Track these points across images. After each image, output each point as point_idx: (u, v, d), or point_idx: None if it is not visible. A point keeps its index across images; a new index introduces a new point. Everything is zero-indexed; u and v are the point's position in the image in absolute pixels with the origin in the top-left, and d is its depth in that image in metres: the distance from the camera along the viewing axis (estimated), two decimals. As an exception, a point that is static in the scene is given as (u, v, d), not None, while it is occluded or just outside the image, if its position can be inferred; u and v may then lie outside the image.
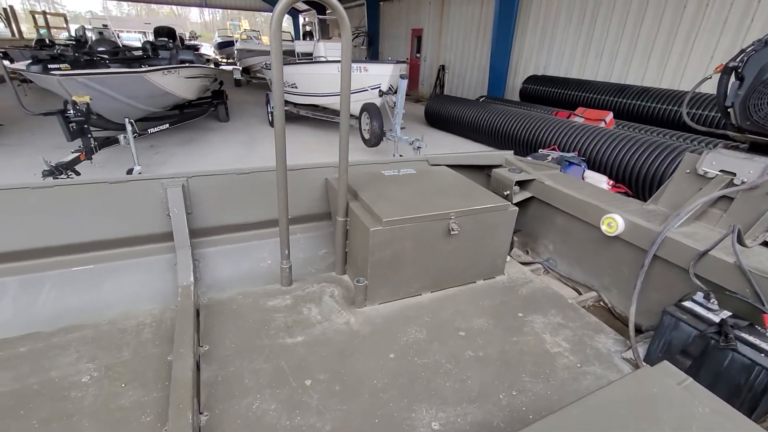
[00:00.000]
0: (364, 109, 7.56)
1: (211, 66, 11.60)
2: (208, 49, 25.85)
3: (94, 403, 1.42)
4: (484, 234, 2.15)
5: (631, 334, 1.77)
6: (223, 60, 24.06)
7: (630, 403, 1.00)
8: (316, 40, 9.62)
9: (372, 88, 7.54)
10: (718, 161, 1.99)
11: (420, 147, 6.57)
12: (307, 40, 12.73)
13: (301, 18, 28.81)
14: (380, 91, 7.48)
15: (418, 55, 16.33)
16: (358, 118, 7.86)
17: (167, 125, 7.20)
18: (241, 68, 16.30)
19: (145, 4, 31.15)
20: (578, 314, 2.05)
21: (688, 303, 1.62)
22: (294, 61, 9.25)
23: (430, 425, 1.41)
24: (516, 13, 10.62)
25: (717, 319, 1.52)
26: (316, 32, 10.00)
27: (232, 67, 17.60)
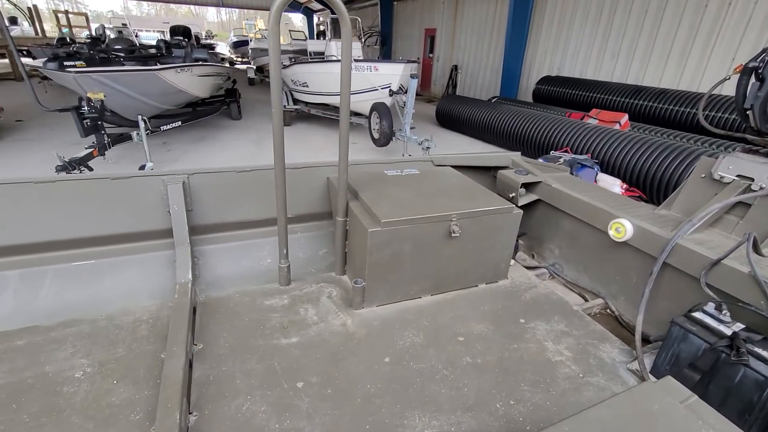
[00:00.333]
0: (374, 108, 7.53)
1: (225, 65, 11.73)
2: (224, 48, 26.20)
3: (85, 399, 1.42)
4: (487, 237, 2.09)
5: (637, 344, 1.70)
6: (238, 59, 24.35)
7: (628, 420, 0.94)
8: (328, 39, 9.63)
9: (382, 88, 7.50)
10: (735, 165, 1.90)
11: (429, 147, 6.51)
12: (321, 39, 12.78)
13: (315, 17, 29.00)
14: (390, 91, 7.43)
15: (431, 55, 16.23)
16: (368, 118, 7.83)
17: (180, 123, 7.29)
18: (255, 67, 16.46)
19: (164, 4, 31.74)
20: (583, 322, 1.98)
21: (699, 314, 1.54)
22: (305, 60, 9.28)
23: None
24: (530, 13, 10.47)
25: (729, 332, 1.44)
26: (328, 31, 10.01)
27: (246, 66, 17.79)
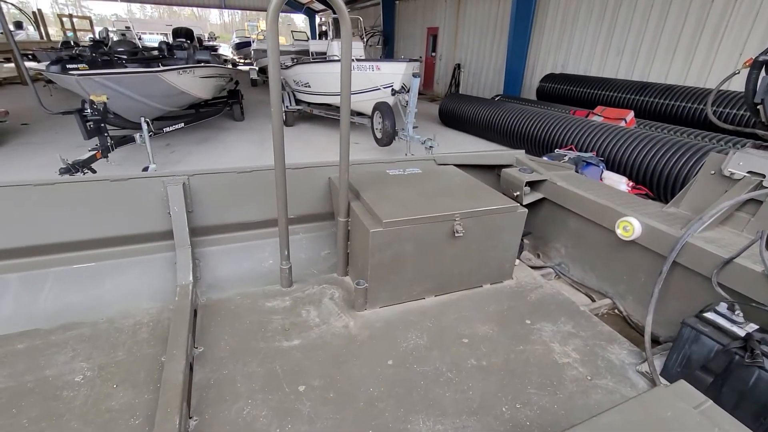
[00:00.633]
0: (377, 108, 7.50)
1: (228, 66, 11.74)
2: (227, 50, 26.25)
3: (85, 404, 1.40)
4: (491, 236, 2.06)
5: (647, 345, 1.66)
6: (241, 60, 24.38)
7: (640, 427, 0.91)
8: (330, 39, 9.62)
9: (384, 87, 7.46)
10: (746, 162, 1.85)
11: (432, 146, 6.47)
12: (323, 39, 12.77)
13: (317, 18, 29.02)
14: (393, 90, 7.40)
15: (434, 53, 16.17)
16: (371, 117, 7.80)
17: (182, 124, 7.29)
18: (257, 68, 16.48)
19: (167, 7, 31.94)
20: (590, 323, 1.93)
21: (710, 314, 1.50)
22: (307, 61, 9.27)
23: None
24: (534, 10, 10.38)
25: (742, 333, 1.39)
26: (330, 31, 9.99)
27: (248, 68, 17.81)
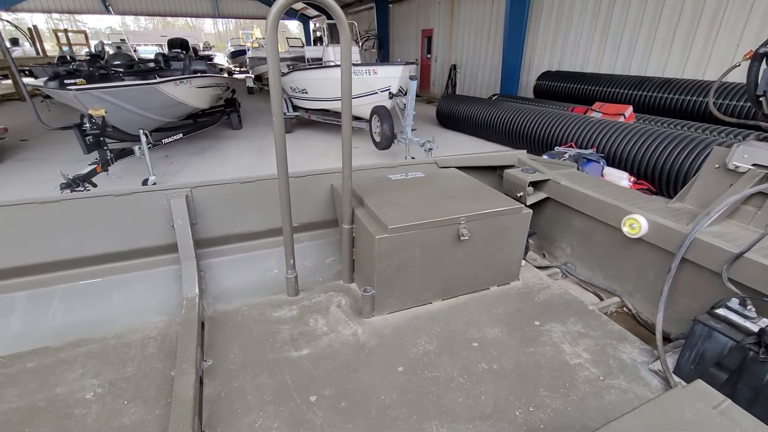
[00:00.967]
0: (375, 112, 7.51)
1: (224, 75, 11.77)
2: (222, 59, 26.35)
3: (97, 421, 1.39)
4: (497, 238, 2.05)
5: (658, 343, 1.64)
6: (236, 69, 24.47)
7: (661, 431, 0.90)
8: (325, 45, 9.65)
9: (382, 91, 7.48)
10: (751, 154, 1.84)
11: (431, 148, 6.47)
12: (318, 45, 12.81)
13: (311, 24, 29.13)
14: (390, 94, 7.42)
15: (429, 55, 16.21)
16: (369, 122, 7.81)
17: (181, 135, 7.31)
18: (253, 76, 16.53)
19: (161, 18, 32.12)
20: (600, 321, 1.92)
21: (722, 310, 1.48)
22: (303, 67, 9.30)
23: None
24: (528, 8, 10.41)
25: (756, 328, 1.38)
26: (325, 37, 10.03)
27: (244, 76, 17.86)
